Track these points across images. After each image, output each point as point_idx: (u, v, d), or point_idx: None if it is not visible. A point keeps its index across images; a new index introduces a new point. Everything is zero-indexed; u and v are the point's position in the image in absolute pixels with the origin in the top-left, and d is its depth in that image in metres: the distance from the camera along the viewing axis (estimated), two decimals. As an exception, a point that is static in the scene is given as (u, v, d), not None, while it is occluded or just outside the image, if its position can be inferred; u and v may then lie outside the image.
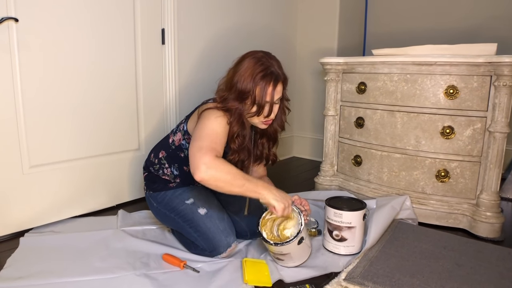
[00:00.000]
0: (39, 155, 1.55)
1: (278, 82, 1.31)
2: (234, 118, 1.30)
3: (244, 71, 1.29)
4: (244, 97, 1.29)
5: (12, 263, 1.28)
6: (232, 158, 1.35)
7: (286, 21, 2.77)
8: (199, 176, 1.13)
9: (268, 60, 1.31)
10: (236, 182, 1.17)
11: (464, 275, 1.23)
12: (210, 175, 1.14)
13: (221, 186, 1.16)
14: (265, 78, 1.28)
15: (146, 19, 1.84)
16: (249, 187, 1.18)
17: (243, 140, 1.35)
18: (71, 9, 1.56)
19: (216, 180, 1.15)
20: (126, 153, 1.87)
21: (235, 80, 1.30)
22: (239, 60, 1.35)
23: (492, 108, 1.52)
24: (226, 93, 1.32)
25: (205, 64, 2.16)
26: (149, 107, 1.92)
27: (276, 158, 1.55)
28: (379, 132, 1.79)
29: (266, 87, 1.28)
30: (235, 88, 1.29)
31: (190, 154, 1.19)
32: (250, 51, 1.36)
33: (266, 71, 1.28)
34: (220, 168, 1.16)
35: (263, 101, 1.29)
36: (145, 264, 1.28)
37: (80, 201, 1.71)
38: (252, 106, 1.30)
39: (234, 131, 1.31)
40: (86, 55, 1.64)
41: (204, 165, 1.14)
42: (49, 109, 1.55)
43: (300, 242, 1.21)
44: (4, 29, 1.39)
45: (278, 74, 1.31)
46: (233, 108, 1.29)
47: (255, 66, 1.29)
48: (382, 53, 1.83)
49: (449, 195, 1.65)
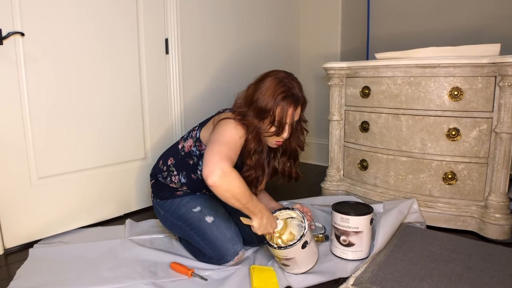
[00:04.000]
0: (46, 166, 1.56)
1: (298, 104, 1.32)
2: (251, 135, 1.30)
3: (265, 90, 1.28)
4: (264, 116, 1.29)
5: (22, 274, 1.29)
6: (248, 175, 1.34)
7: (288, 27, 2.79)
8: (212, 180, 1.12)
9: (290, 82, 1.31)
10: (242, 199, 1.17)
11: (474, 278, 1.21)
12: (223, 183, 1.13)
13: (227, 197, 1.16)
14: (286, 99, 1.28)
15: (149, 29, 1.86)
16: (249, 207, 1.20)
17: (259, 157, 1.35)
18: (76, 21, 1.59)
19: (226, 190, 1.14)
20: (133, 162, 1.88)
21: (255, 98, 1.29)
22: (261, 77, 1.35)
23: (498, 109, 1.51)
24: (245, 109, 1.31)
25: (210, 72, 2.17)
26: (154, 116, 1.94)
27: (299, 175, 1.53)
28: (385, 136, 1.79)
29: (287, 108, 1.28)
30: (255, 105, 1.29)
31: (207, 156, 1.17)
32: (272, 70, 1.36)
33: (287, 92, 1.28)
34: (235, 179, 1.15)
35: (283, 122, 1.29)
36: (153, 273, 1.28)
37: (88, 211, 1.72)
38: (270, 126, 1.30)
39: (251, 147, 1.31)
40: (91, 66, 1.66)
41: (220, 170, 1.12)
42: (56, 120, 1.57)
43: (304, 246, 1.21)
44: (11, 43, 1.41)
45: (299, 97, 1.32)
46: (252, 125, 1.29)
47: (277, 86, 1.28)
48: (385, 56, 1.83)
49: (456, 197, 1.64)
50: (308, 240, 1.23)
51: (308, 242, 1.23)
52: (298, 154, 1.50)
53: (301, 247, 1.21)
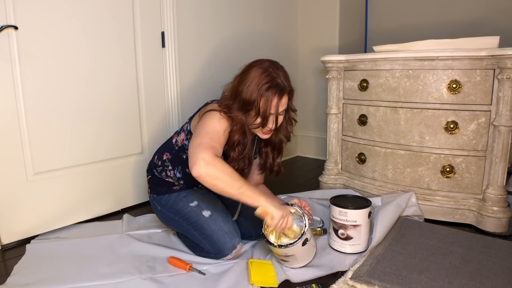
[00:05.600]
0: (42, 162, 1.55)
1: (283, 94, 1.29)
2: (236, 127, 1.29)
3: (250, 81, 1.26)
4: (249, 108, 1.27)
5: (19, 270, 1.28)
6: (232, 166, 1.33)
7: (286, 20, 2.76)
8: (196, 171, 1.12)
9: (274, 71, 1.28)
10: (234, 183, 1.15)
11: (472, 270, 1.21)
12: (207, 172, 1.12)
13: (218, 186, 1.14)
14: (270, 90, 1.25)
15: (145, 22, 1.84)
16: (246, 192, 1.16)
17: (243, 149, 1.34)
18: (71, 15, 1.57)
19: (213, 178, 1.13)
20: (130, 157, 1.87)
21: (240, 90, 1.28)
22: (245, 68, 1.33)
23: (496, 102, 1.51)
24: (230, 102, 1.30)
25: (206, 66, 2.16)
26: (151, 110, 1.92)
27: (280, 169, 1.51)
28: (383, 129, 1.78)
29: (271, 99, 1.26)
30: (239, 98, 1.27)
31: (190, 150, 1.18)
32: (257, 59, 1.33)
33: (271, 82, 1.26)
34: (219, 166, 1.14)
35: (267, 113, 1.27)
36: (151, 268, 1.28)
37: (85, 207, 1.71)
38: (256, 117, 1.28)
39: (235, 139, 1.30)
40: (86, 60, 1.64)
41: (203, 161, 1.12)
42: (52, 115, 1.56)
43: (304, 243, 1.21)
44: (4, 37, 1.39)
45: (284, 86, 1.29)
46: (237, 118, 1.28)
47: (261, 76, 1.26)
48: (383, 49, 1.82)
49: (455, 190, 1.63)
50: (309, 237, 1.23)
51: (308, 239, 1.22)
52: (282, 146, 1.48)
53: (302, 245, 1.20)
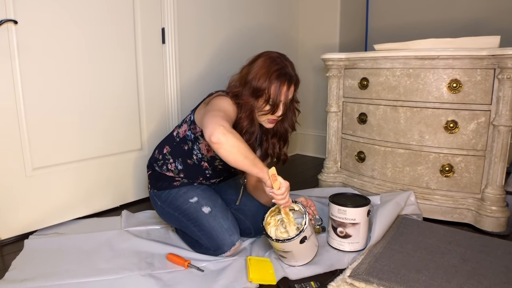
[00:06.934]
0: (41, 157, 1.55)
1: (292, 83, 1.34)
2: (244, 113, 1.31)
3: (259, 69, 1.31)
4: (259, 94, 1.30)
5: (17, 265, 1.28)
6: None
7: (287, 17, 2.76)
8: (216, 137, 1.10)
9: (283, 61, 1.33)
10: (249, 154, 1.15)
11: (470, 270, 1.22)
12: (227, 139, 1.11)
13: (234, 154, 1.13)
14: (280, 78, 1.30)
15: (146, 19, 1.83)
16: (258, 164, 1.17)
17: (250, 137, 1.35)
18: (71, 10, 1.56)
19: (232, 146, 1.12)
20: (129, 153, 1.87)
21: (249, 78, 1.31)
22: (254, 58, 1.37)
23: (496, 102, 1.51)
24: (240, 89, 1.33)
25: (206, 62, 2.15)
26: (151, 107, 1.92)
27: (287, 157, 1.55)
28: (382, 128, 1.78)
29: (281, 86, 1.30)
30: (249, 84, 1.31)
31: (205, 121, 1.17)
32: (265, 51, 1.38)
33: (281, 70, 1.31)
34: (237, 136, 1.15)
35: (277, 100, 1.31)
36: (149, 264, 1.28)
37: (84, 202, 1.71)
38: (265, 104, 1.32)
39: (243, 126, 1.32)
40: (86, 55, 1.63)
41: (223, 127, 1.12)
42: (51, 111, 1.55)
43: (302, 241, 1.21)
44: (3, 31, 1.39)
45: (292, 75, 1.34)
46: (247, 104, 1.30)
47: (271, 65, 1.31)
48: (384, 48, 1.82)
49: (453, 190, 1.64)
50: (308, 235, 1.23)
51: (307, 237, 1.22)
52: (288, 136, 1.51)
53: (299, 242, 1.20)
